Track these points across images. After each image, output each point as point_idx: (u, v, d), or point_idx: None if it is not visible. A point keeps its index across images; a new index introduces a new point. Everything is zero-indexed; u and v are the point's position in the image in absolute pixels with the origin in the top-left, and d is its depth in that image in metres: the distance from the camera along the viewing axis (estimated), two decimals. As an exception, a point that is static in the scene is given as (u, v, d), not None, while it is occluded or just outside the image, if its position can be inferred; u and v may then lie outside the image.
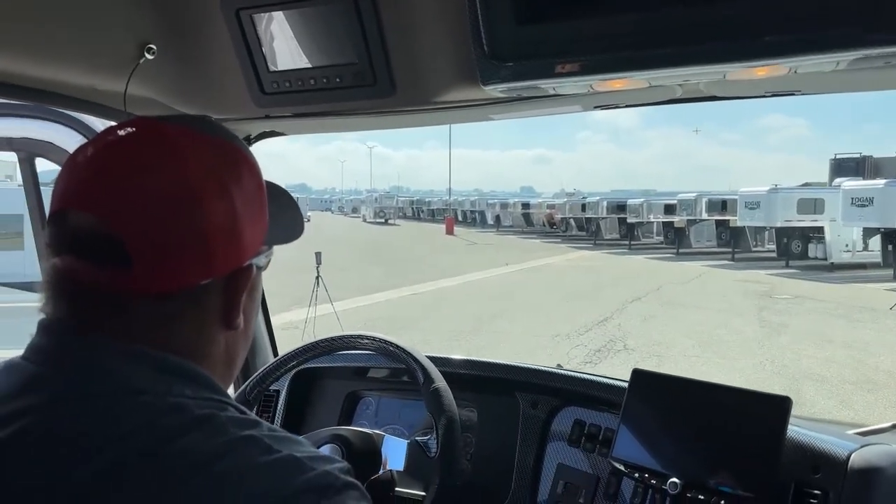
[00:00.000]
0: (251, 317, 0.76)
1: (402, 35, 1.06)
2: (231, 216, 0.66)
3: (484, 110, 1.20)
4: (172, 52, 1.10)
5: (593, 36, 0.92)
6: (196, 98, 1.21)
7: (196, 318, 0.67)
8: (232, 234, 0.66)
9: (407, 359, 1.25)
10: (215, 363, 0.70)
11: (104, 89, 1.09)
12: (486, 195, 59.89)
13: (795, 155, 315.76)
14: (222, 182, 0.66)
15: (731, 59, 0.89)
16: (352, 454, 1.19)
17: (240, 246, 0.67)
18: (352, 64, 1.10)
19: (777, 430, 1.06)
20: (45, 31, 0.93)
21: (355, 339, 1.31)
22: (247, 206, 0.68)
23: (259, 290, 0.77)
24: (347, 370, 1.60)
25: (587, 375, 1.38)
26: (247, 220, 0.68)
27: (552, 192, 47.82)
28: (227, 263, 0.67)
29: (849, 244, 18.05)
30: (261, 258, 0.74)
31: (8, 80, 0.97)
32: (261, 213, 0.71)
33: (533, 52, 0.96)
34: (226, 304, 0.69)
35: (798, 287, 14.73)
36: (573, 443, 1.32)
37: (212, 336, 0.69)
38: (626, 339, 9.66)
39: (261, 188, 0.72)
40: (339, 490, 0.61)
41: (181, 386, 0.63)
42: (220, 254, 0.65)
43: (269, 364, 1.36)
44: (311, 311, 9.37)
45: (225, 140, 0.71)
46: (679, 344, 9.34)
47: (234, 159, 0.70)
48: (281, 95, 1.16)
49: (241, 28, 1.10)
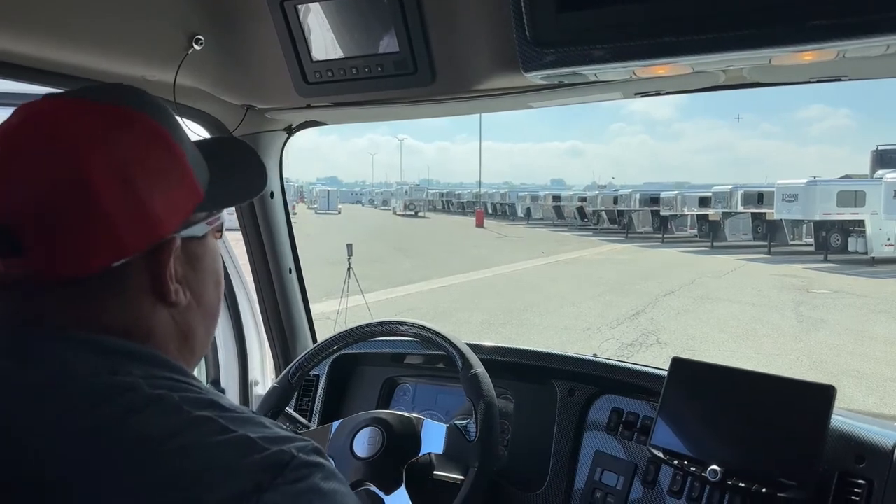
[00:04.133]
0: (203, 289, 0.72)
1: (443, 23, 1.07)
2: (132, 191, 0.61)
3: (524, 98, 1.20)
4: (219, 44, 1.13)
5: (636, 21, 0.92)
6: (241, 88, 1.24)
7: (124, 297, 0.64)
8: (137, 209, 0.62)
9: (446, 345, 1.26)
10: (166, 340, 0.67)
11: (155, 80, 1.12)
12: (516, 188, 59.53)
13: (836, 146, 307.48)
14: (116, 155, 0.62)
15: (776, 44, 0.88)
16: (391, 437, 1.21)
17: (150, 221, 0.63)
18: (393, 53, 1.12)
19: (820, 419, 1.05)
20: (99, 22, 0.96)
21: (395, 326, 1.33)
22: (155, 176, 0.64)
23: (208, 260, 0.72)
24: (385, 356, 1.62)
25: (624, 363, 1.38)
26: (157, 191, 0.63)
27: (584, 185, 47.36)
28: (138, 241, 0.63)
29: (891, 238, 17.52)
30: (196, 227, 0.70)
31: (63, 71, 1.01)
32: (181, 181, 0.66)
33: (575, 39, 0.96)
34: (153, 281, 0.65)
35: (837, 281, 14.37)
36: (610, 431, 1.33)
37: (147, 312, 0.65)
38: (658, 332, 9.55)
39: (176, 154, 0.67)
40: (297, 468, 0.57)
41: (128, 366, 0.60)
42: (126, 232, 0.61)
43: (311, 349, 1.39)
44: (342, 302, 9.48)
45: (123, 108, 0.66)
46: (713, 338, 9.20)
47: (132, 128, 0.65)
48: (323, 85, 1.18)
49: (285, 19, 1.13)
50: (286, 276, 1.63)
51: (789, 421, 1.08)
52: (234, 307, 1.70)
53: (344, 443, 1.24)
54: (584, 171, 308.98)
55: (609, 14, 0.93)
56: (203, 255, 0.72)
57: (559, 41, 0.97)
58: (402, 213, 45.23)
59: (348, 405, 1.62)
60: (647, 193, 28.23)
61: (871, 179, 19.65)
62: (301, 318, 1.69)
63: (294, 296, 1.66)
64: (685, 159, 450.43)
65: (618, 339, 9.25)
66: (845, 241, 18.65)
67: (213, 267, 0.74)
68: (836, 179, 20.25)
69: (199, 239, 0.71)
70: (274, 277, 1.61)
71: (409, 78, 1.14)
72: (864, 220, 18.00)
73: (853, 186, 18.93)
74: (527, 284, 14.33)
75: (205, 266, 0.72)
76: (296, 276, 1.66)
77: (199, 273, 0.71)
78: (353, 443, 1.23)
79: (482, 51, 1.07)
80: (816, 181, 19.08)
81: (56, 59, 0.97)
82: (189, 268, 0.69)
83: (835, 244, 18.85)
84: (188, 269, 0.69)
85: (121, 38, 1.00)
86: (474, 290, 13.55)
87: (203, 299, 0.72)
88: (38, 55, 0.94)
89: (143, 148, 0.64)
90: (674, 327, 9.88)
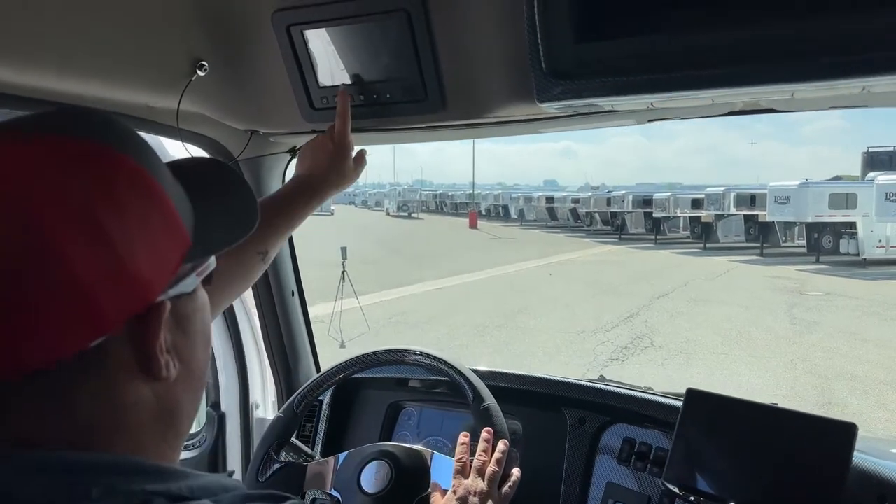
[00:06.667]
0: (192, 354, 0.59)
1: (455, 51, 1.04)
2: (106, 247, 0.48)
3: (535, 125, 1.18)
4: (224, 69, 1.10)
5: (657, 53, 0.89)
6: (246, 113, 1.21)
7: (98, 384, 0.51)
8: (116, 271, 0.49)
9: (456, 376, 1.24)
10: (143, 428, 0.54)
11: (158, 106, 1.09)
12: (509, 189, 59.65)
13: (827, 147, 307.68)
14: (81, 203, 0.48)
15: (803, 79, 0.85)
16: (400, 471, 1.18)
17: (133, 284, 0.50)
18: (402, 79, 1.09)
19: (842, 458, 1.03)
20: (102, 51, 0.93)
21: (404, 354, 1.30)
22: (134, 226, 0.50)
23: (198, 318, 0.60)
24: (389, 380, 1.59)
25: (637, 392, 1.35)
26: (138, 244, 0.50)
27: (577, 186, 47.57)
28: (120, 311, 0.50)
29: (882, 240, 17.64)
30: (185, 282, 0.57)
31: (64, 101, 0.98)
32: (165, 227, 0.53)
33: (593, 70, 0.93)
34: (139, 356, 0.53)
35: (829, 283, 14.44)
36: (622, 461, 1.30)
37: (125, 395, 0.53)
38: (653, 335, 9.56)
39: (157, 193, 0.53)
40: None
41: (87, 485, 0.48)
42: (105, 302, 0.48)
43: (316, 378, 1.36)
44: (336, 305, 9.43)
45: (86, 141, 0.51)
46: (707, 341, 9.22)
47: (98, 165, 0.51)
48: (330, 111, 1.15)
49: (291, 44, 1.10)
50: (288, 298, 1.60)
51: (809, 459, 1.06)
52: (234, 329, 1.66)
53: (351, 477, 1.21)
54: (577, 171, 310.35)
55: (629, 45, 0.91)
56: (193, 313, 0.59)
57: (576, 73, 0.94)
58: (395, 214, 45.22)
59: (352, 431, 1.59)
60: (640, 195, 28.35)
61: (862, 181, 19.78)
62: (304, 341, 1.66)
63: (296, 319, 1.63)
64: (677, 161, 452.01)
65: (612, 341, 9.26)
66: (837, 242, 18.77)
67: (204, 326, 0.62)
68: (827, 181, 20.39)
69: (189, 295, 0.59)
70: (276, 300, 1.58)
71: (418, 104, 1.11)
72: (855, 222, 18.13)
73: (845, 188, 19.06)
74: (521, 286, 14.33)
75: (195, 327, 0.60)
76: (298, 298, 1.63)
77: (189, 336, 0.59)
78: (360, 477, 1.20)
79: (494, 79, 1.04)
80: (808, 183, 19.20)
81: (57, 89, 0.93)
82: (179, 332, 0.57)
83: (827, 246, 18.97)
84: (178, 335, 0.57)
85: (124, 66, 0.97)
86: (468, 293, 13.54)
87: (192, 365, 0.59)
88: (39, 86, 0.91)
89: (115, 191, 0.50)
90: (668, 330, 9.90)
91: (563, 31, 0.92)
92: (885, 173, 18.65)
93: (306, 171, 1.17)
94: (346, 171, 1.18)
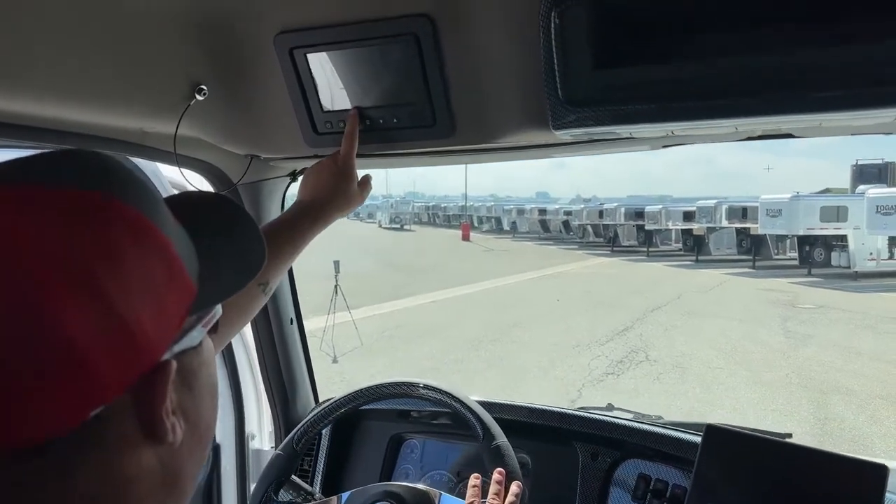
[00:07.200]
0: (200, 411, 0.54)
1: (466, 76, 1.00)
2: (107, 308, 0.43)
3: (546, 150, 1.14)
4: (224, 92, 1.05)
5: (680, 80, 0.85)
6: (246, 138, 1.16)
7: (99, 455, 0.46)
8: (118, 332, 0.44)
9: (465, 412, 1.18)
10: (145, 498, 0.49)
11: (153, 131, 1.03)
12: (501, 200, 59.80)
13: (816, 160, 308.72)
14: (78, 261, 0.43)
15: (833, 109, 0.82)
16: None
17: (137, 345, 0.45)
18: (410, 104, 1.05)
19: (873, 502, 0.98)
20: (98, 76, 0.88)
21: (410, 388, 1.25)
22: (136, 281, 0.45)
23: (205, 372, 0.55)
24: (391, 411, 1.54)
25: (651, 426, 1.30)
26: (142, 301, 0.45)
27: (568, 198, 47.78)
28: (124, 376, 0.45)
29: (873, 252, 17.74)
30: (191, 335, 0.52)
31: (58, 127, 0.93)
32: (170, 280, 0.48)
33: (612, 97, 0.89)
34: (143, 421, 0.48)
35: (822, 296, 14.48)
36: (638, 499, 1.25)
37: (127, 464, 0.47)
38: (647, 349, 9.53)
39: (161, 243, 0.48)
40: None
41: None
42: (105, 369, 0.43)
43: (318, 411, 1.30)
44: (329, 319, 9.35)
45: (80, 192, 0.46)
46: (702, 355, 9.19)
47: (97, 218, 0.45)
48: (334, 135, 1.10)
49: (294, 67, 1.05)
50: (287, 327, 1.54)
51: (837, 501, 1.01)
52: (229, 357, 1.60)
53: (355, 519, 1.15)
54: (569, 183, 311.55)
55: (651, 72, 0.86)
56: (199, 367, 0.54)
57: (594, 100, 0.90)
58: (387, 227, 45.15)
59: (353, 465, 1.53)
60: (632, 207, 28.43)
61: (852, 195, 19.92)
62: (302, 371, 1.60)
63: (295, 347, 1.57)
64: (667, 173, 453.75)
65: (607, 355, 9.21)
66: (829, 255, 18.86)
67: (211, 379, 0.57)
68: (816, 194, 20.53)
69: (195, 349, 0.53)
70: (274, 328, 1.52)
71: (426, 130, 1.06)
72: (846, 235, 18.22)
73: (836, 201, 19.18)
74: (515, 299, 14.28)
75: (201, 382, 0.54)
76: (297, 326, 1.57)
77: (195, 393, 0.53)
78: None
79: (506, 104, 1.00)
80: (800, 196, 19.31)
81: (50, 115, 0.88)
82: (185, 390, 0.52)
83: (818, 258, 19.06)
84: (184, 393, 0.52)
85: (119, 91, 0.92)
86: (462, 306, 13.47)
87: (199, 425, 0.54)
88: (32, 112, 0.86)
89: (113, 242, 0.45)
90: (663, 344, 9.87)
91: (581, 57, 0.88)
92: (875, 186, 18.82)
93: (309, 195, 1.12)
94: (352, 194, 1.13)
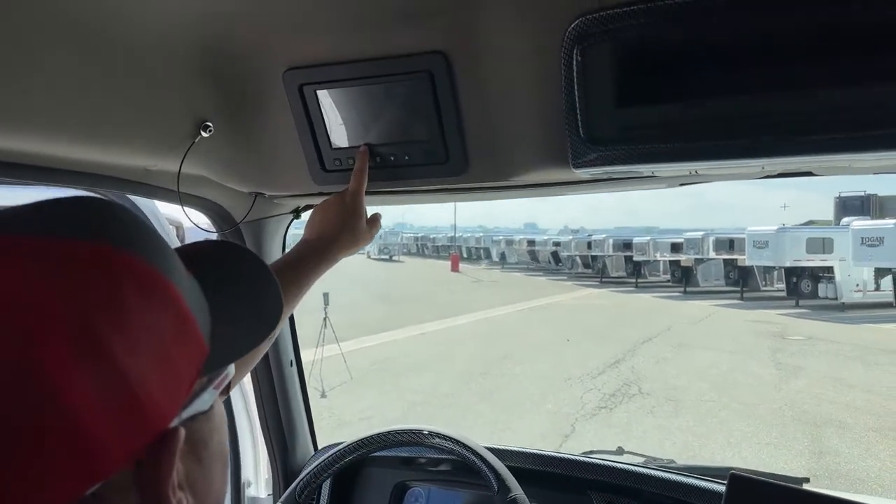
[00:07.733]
0: (210, 483, 0.49)
1: (481, 113, 0.97)
2: (113, 373, 0.39)
3: (562, 188, 1.10)
4: (230, 129, 1.02)
5: (706, 118, 0.83)
6: (251, 175, 1.12)
7: None
8: (123, 400, 0.39)
9: (478, 462, 1.13)
10: None
11: (157, 169, 0.99)
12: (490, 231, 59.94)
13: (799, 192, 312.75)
14: (81, 322, 0.38)
15: (862, 150, 0.79)
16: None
17: (143, 414, 0.40)
18: (422, 141, 1.02)
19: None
20: (102, 114, 0.84)
21: (421, 437, 1.19)
22: (145, 343, 0.41)
23: (215, 439, 0.49)
24: (395, 458, 1.47)
25: (671, 475, 1.25)
26: (150, 365, 0.41)
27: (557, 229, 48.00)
28: (125, 449, 0.39)
29: (859, 284, 17.90)
30: (201, 398, 0.47)
31: (60, 166, 0.88)
32: (180, 338, 0.44)
33: (635, 136, 0.86)
34: (145, 498, 0.42)
35: (811, 328, 14.52)
36: (657, 551, 1.19)
37: None
38: (640, 382, 9.47)
39: (172, 298, 0.44)
40: None
41: None
42: (106, 440, 0.38)
43: (321, 461, 1.24)
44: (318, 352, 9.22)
45: (90, 243, 0.41)
46: (694, 388, 9.14)
47: (106, 275, 0.41)
48: (342, 173, 1.07)
49: (303, 104, 1.02)
50: (287, 369, 1.48)
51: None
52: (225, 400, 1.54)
53: (361, 577, 1.08)
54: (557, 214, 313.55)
55: (674, 110, 0.84)
56: (210, 434, 0.49)
57: (616, 138, 0.87)
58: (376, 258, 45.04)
59: (355, 514, 1.46)
60: (621, 239, 28.62)
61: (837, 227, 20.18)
62: (301, 415, 1.53)
63: (294, 391, 1.51)
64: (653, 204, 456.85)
65: (599, 388, 9.14)
66: (816, 286, 19.01)
67: (221, 447, 0.51)
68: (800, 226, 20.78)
69: (205, 414, 0.48)
70: (274, 371, 1.46)
71: (438, 167, 1.03)
72: (833, 266, 18.39)
73: (821, 234, 19.44)
74: (505, 331, 14.20)
75: (212, 450, 0.49)
76: (296, 369, 1.51)
77: (205, 464, 0.48)
78: None
79: (523, 142, 0.97)
80: (786, 228, 19.54)
81: (52, 153, 0.84)
82: (194, 460, 0.47)
83: (806, 290, 19.20)
84: (192, 463, 0.46)
85: (125, 129, 0.88)
86: (452, 338, 13.37)
87: (208, 498, 0.49)
88: (34, 151, 0.82)
89: (119, 298, 0.40)
90: (655, 376, 9.81)
91: (604, 95, 0.85)
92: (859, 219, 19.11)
93: (316, 233, 1.07)
94: (359, 231, 1.08)
